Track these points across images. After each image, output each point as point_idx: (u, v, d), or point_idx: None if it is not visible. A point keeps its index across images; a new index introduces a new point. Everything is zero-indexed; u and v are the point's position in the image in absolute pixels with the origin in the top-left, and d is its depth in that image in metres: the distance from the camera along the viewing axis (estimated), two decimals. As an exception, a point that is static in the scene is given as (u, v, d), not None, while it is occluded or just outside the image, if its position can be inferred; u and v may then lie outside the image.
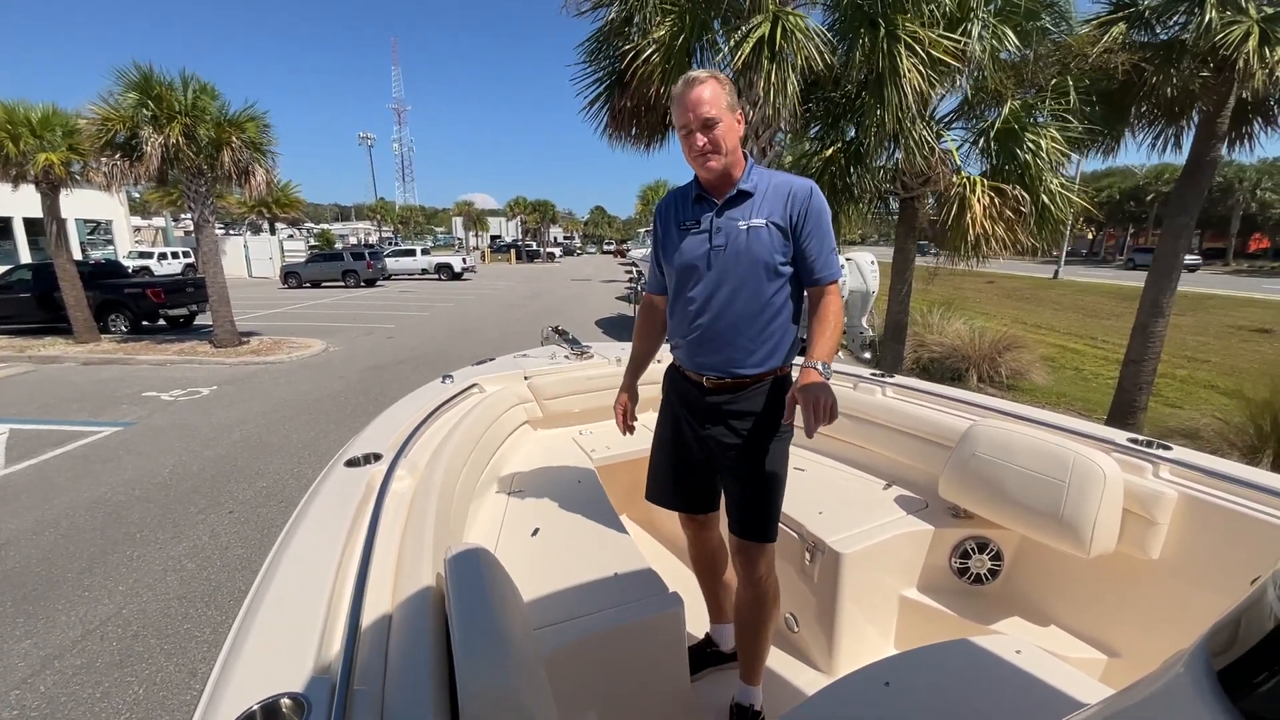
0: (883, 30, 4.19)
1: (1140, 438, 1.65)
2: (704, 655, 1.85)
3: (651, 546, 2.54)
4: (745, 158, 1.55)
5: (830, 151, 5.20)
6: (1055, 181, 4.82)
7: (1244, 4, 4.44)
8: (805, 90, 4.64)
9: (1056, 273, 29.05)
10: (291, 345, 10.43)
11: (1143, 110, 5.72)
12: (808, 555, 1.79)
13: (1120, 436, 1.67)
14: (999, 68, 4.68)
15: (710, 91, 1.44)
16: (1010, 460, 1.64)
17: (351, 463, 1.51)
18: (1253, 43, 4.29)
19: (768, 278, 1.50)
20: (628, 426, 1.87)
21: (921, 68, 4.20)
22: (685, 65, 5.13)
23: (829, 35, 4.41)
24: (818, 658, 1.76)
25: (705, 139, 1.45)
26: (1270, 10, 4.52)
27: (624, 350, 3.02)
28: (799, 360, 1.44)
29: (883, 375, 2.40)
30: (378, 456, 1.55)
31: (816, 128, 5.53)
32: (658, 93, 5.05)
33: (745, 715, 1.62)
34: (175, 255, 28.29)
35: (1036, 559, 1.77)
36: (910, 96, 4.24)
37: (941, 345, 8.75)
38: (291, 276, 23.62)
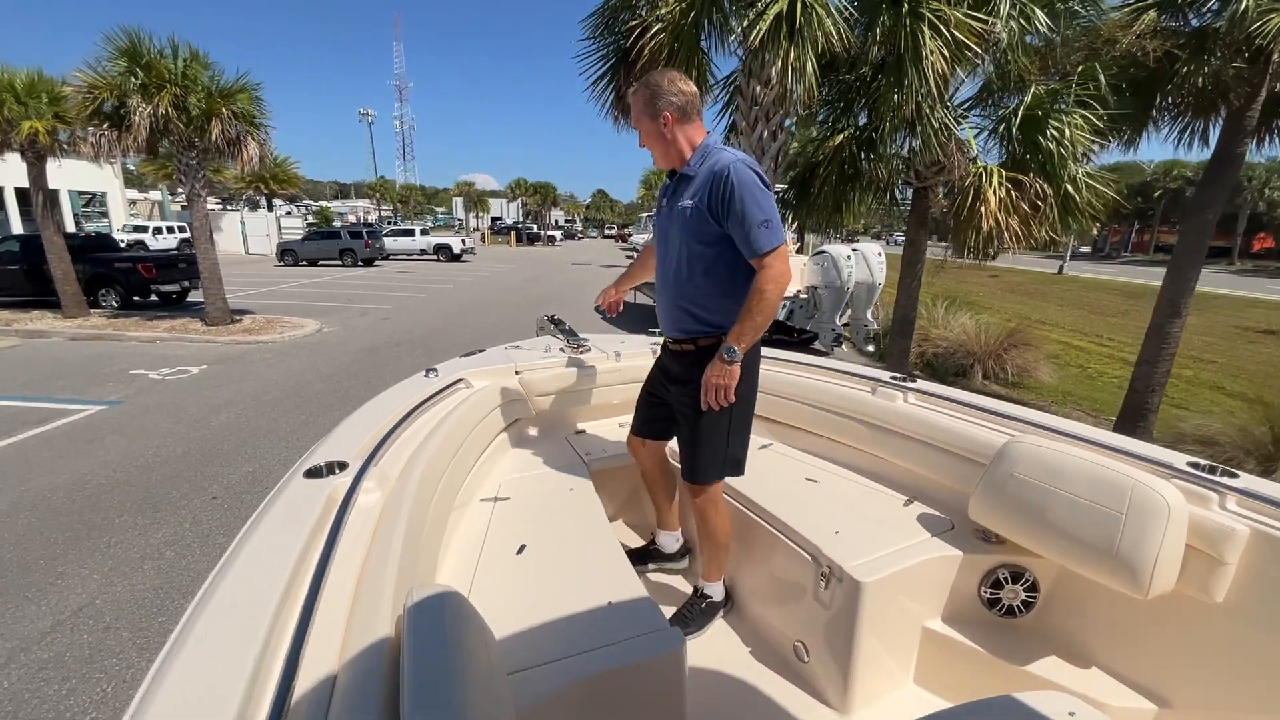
0: (906, 7, 3.95)
1: (1202, 462, 1.47)
2: (646, 553, 2.19)
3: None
4: (696, 146, 1.70)
5: (841, 138, 4.98)
6: (1080, 172, 4.61)
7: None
8: (820, 72, 4.41)
9: (1061, 268, 28.83)
10: (285, 325, 10.23)
11: (1169, 103, 5.50)
12: (822, 581, 1.62)
13: (1179, 460, 1.49)
14: (1024, 52, 4.45)
15: (635, 103, 1.70)
16: (1056, 484, 1.46)
17: (312, 473, 1.32)
18: (1293, 31, 4.07)
19: (692, 254, 1.69)
20: (610, 307, 2.33)
21: (945, 50, 3.97)
22: (694, 45, 4.89)
23: (850, 10, 4.16)
24: (830, 694, 1.59)
25: (642, 142, 1.74)
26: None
27: (624, 344, 2.83)
28: None
29: (903, 379, 2.20)
30: (343, 465, 1.36)
31: (826, 112, 5.31)
32: (665, 71, 4.80)
33: (698, 596, 1.92)
34: (171, 230, 27.90)
35: (1077, 592, 1.59)
36: (932, 80, 4.02)
37: (946, 340, 8.59)
38: (288, 254, 23.32)
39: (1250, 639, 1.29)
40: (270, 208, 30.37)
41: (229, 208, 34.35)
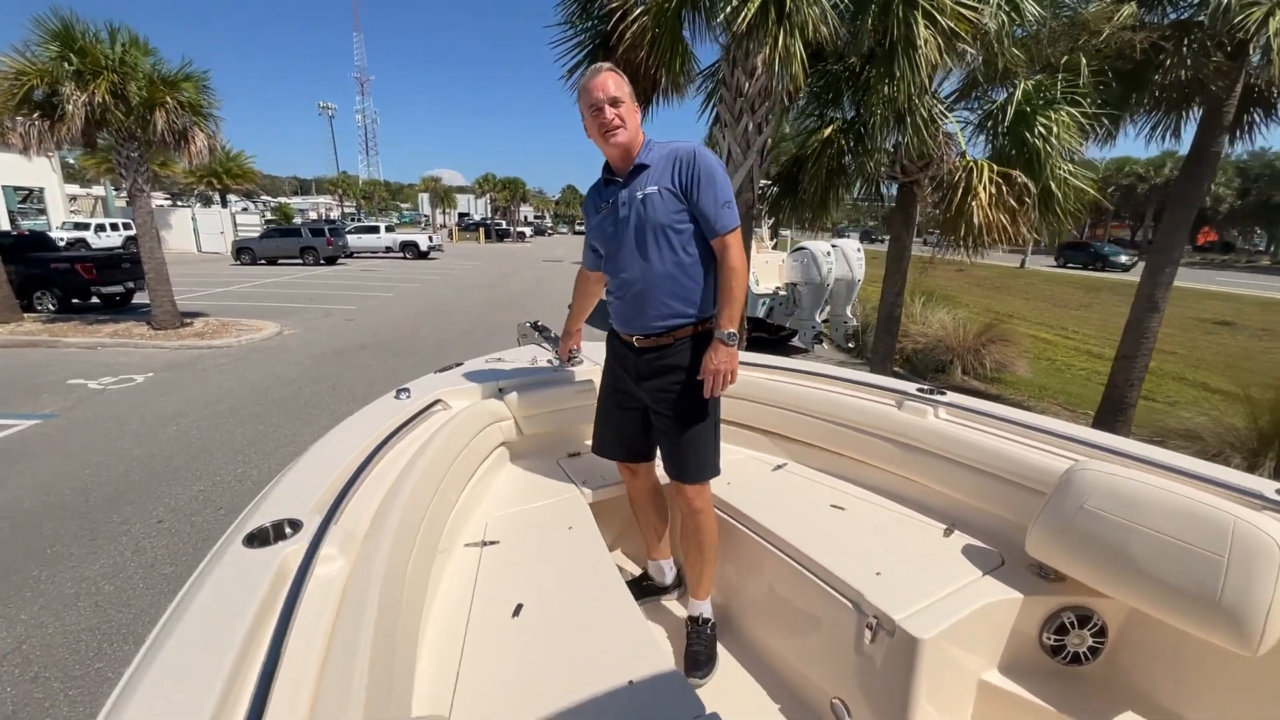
0: (899, -6, 3.81)
1: None
2: (641, 588, 2.06)
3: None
4: (645, 137, 1.72)
5: (829, 131, 4.83)
6: (1064, 169, 4.56)
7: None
8: (808, 62, 4.24)
9: (1023, 262, 29.63)
10: (241, 327, 9.66)
11: (1145, 98, 5.52)
12: (868, 633, 1.41)
13: (1268, 488, 1.33)
14: (1013, 43, 4.36)
15: (615, 79, 1.64)
16: (1138, 520, 1.28)
17: (255, 539, 1.04)
18: (1274, 24, 4.07)
19: (667, 239, 1.65)
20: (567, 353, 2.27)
21: (940, 38, 3.84)
22: (677, 30, 4.67)
23: (840, -3, 4.01)
24: None
25: (614, 113, 1.62)
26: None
27: None
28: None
29: (931, 392, 2.01)
30: (295, 525, 1.08)
31: (814, 104, 5.15)
32: (646, 60, 4.58)
33: (699, 624, 1.81)
34: (115, 227, 26.35)
35: (1153, 638, 1.41)
36: (924, 70, 3.89)
37: (925, 336, 8.59)
38: (244, 252, 22.27)
39: None
40: (224, 204, 29.03)
41: (179, 204, 32.75)
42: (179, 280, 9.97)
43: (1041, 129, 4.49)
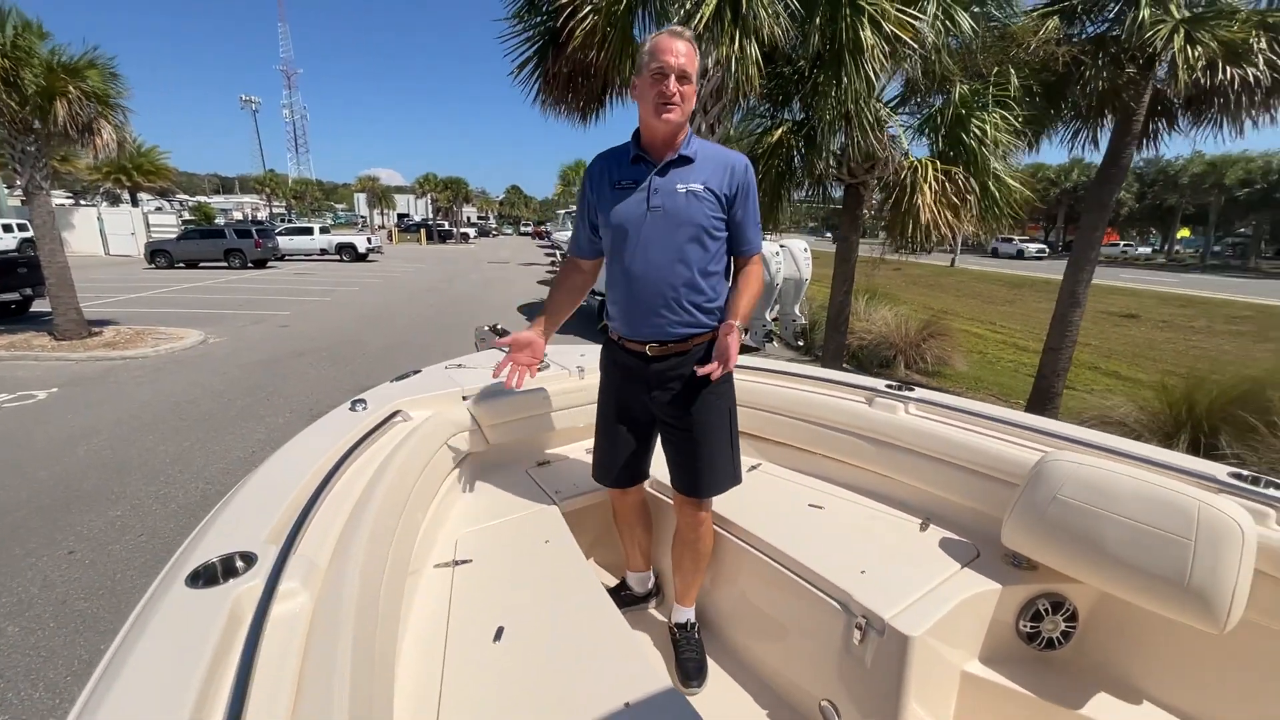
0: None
1: (1244, 472, 1.38)
2: (620, 598, 1.97)
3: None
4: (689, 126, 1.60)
5: (780, 132, 4.91)
6: (1000, 168, 4.81)
7: (1169, 4, 4.60)
8: (760, 63, 4.29)
9: (953, 261, 31.32)
10: (159, 336, 8.92)
11: (1066, 107, 5.91)
12: (857, 633, 1.40)
13: (1220, 471, 1.40)
14: (948, 53, 4.57)
15: (690, 50, 1.47)
16: (1109, 507, 1.32)
17: (199, 577, 0.90)
18: (1179, 40, 4.43)
19: (703, 241, 1.55)
20: (517, 380, 1.75)
21: (884, 44, 3.97)
22: (628, 30, 4.63)
23: (791, 1, 4.06)
24: None
25: (677, 88, 1.46)
26: (1189, 13, 4.72)
27: (585, 357, 2.50)
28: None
29: (899, 387, 2.04)
30: (248, 558, 0.96)
31: (765, 106, 5.23)
32: (598, 58, 4.51)
33: (685, 630, 1.78)
34: (9, 228, 23.90)
35: (1120, 620, 1.47)
36: (871, 74, 4.01)
37: (870, 333, 8.90)
38: (160, 255, 20.67)
39: None
40: (135, 202, 26.85)
41: (83, 202, 30.08)
42: (85, 286, 9.11)
43: (976, 130, 4.72)
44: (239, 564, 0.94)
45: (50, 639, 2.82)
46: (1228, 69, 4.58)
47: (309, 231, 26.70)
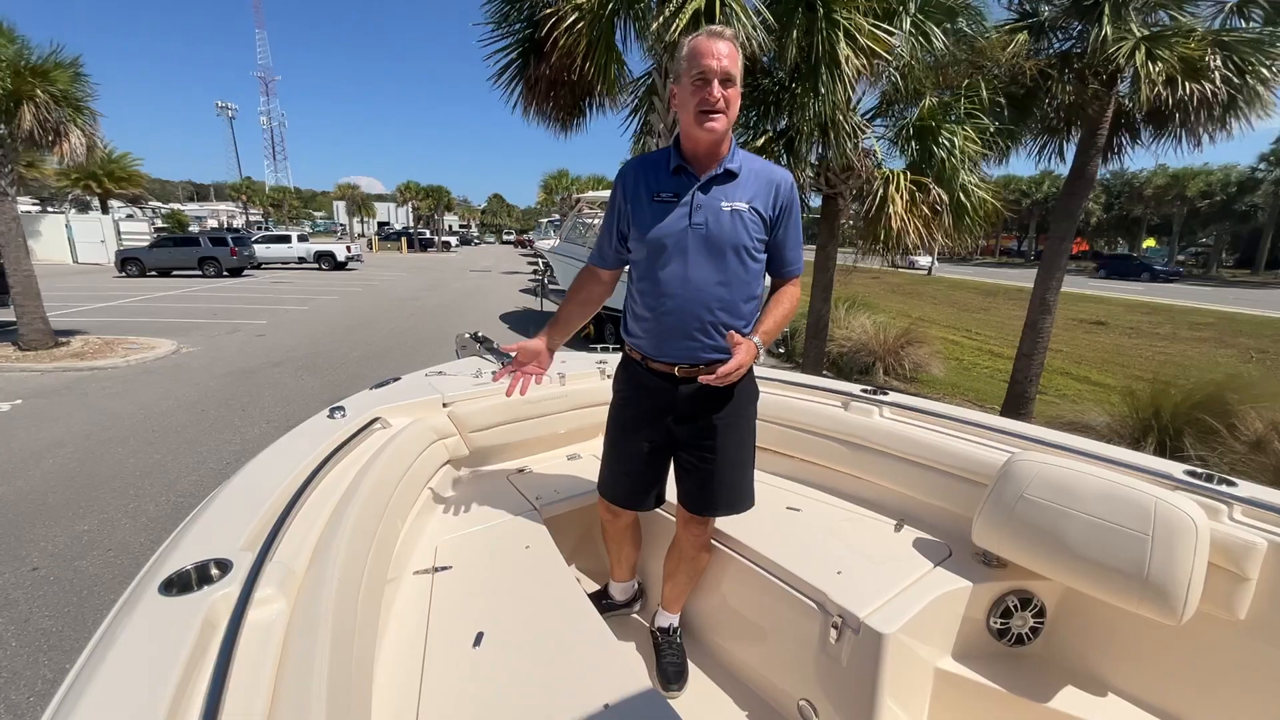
0: (820, 12, 4.00)
1: (1200, 470, 1.44)
2: (601, 604, 1.96)
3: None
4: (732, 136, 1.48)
5: (763, 140, 4.99)
6: (970, 179, 4.95)
7: (1130, 22, 4.79)
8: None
9: (930, 269, 31.93)
10: (130, 346, 8.70)
11: (1033, 124, 6.10)
12: (833, 632, 1.42)
13: (1176, 469, 1.46)
14: (922, 67, 4.70)
15: (734, 51, 1.37)
16: (1072, 505, 1.36)
17: (173, 585, 0.89)
18: (1140, 56, 4.62)
19: (745, 262, 1.47)
20: (521, 387, 1.66)
21: (859, 57, 4.08)
22: (611, 38, 4.68)
23: (765, 13, 4.15)
24: None
25: (721, 93, 1.35)
26: (1148, 31, 4.93)
27: (566, 364, 2.50)
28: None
29: (874, 392, 2.09)
30: (223, 565, 0.95)
31: (745, 116, 5.31)
32: (581, 66, 4.55)
33: (668, 634, 1.78)
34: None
35: (1085, 614, 1.51)
36: (847, 85, 4.11)
37: (849, 341, 9.02)
38: (131, 263, 20.16)
39: (1276, 656, 1.26)
40: (105, 210, 26.21)
41: (50, 209, 29.28)
42: (52, 294, 8.86)
43: (945, 141, 4.85)
44: (214, 571, 0.93)
45: (12, 659, 2.72)
46: (1187, 84, 4.78)
47: (286, 240, 26.30)
